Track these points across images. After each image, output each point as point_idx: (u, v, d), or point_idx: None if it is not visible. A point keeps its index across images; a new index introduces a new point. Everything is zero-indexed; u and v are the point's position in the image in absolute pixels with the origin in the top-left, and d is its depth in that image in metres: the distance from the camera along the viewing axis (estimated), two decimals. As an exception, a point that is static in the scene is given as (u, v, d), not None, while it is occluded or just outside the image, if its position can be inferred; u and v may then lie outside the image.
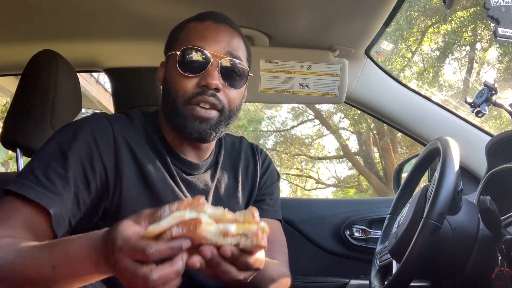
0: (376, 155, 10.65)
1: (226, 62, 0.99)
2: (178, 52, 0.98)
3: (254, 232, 0.66)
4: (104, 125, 0.98)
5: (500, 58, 9.04)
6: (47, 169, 0.88)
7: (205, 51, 0.97)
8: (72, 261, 0.71)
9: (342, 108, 9.84)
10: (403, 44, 8.92)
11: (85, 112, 8.67)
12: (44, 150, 0.93)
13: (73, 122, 1.00)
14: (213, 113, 0.99)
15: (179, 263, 0.63)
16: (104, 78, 7.20)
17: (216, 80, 0.97)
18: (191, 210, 0.65)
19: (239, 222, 0.67)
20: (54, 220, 0.85)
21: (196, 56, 0.97)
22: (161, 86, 1.07)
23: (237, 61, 1.00)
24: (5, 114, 1.32)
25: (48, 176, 0.87)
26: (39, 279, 0.72)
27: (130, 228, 0.65)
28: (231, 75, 1.00)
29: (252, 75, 1.06)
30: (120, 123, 1.01)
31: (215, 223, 0.66)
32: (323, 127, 11.15)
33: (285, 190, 12.06)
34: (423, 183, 1.44)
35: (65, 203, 0.87)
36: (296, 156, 11.99)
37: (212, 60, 0.97)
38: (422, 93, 1.74)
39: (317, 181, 12.01)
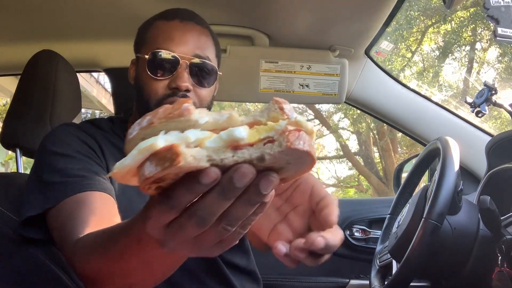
0: (376, 155, 10.65)
1: (194, 63, 1.00)
2: (147, 56, 1.00)
3: (282, 129, 0.39)
4: (77, 129, 1.02)
5: (500, 58, 9.04)
6: (65, 171, 0.90)
7: (174, 54, 0.99)
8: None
9: (342, 107, 9.85)
10: (403, 44, 8.92)
11: (85, 112, 8.68)
12: (44, 166, 0.94)
13: (47, 135, 1.03)
14: None
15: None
16: (104, 78, 7.21)
17: (186, 81, 0.99)
18: (169, 125, 0.40)
19: (261, 124, 0.41)
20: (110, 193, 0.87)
21: (165, 59, 0.99)
22: (133, 85, 1.10)
23: (205, 61, 1.02)
24: (5, 114, 1.31)
25: (71, 173, 0.89)
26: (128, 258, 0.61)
27: None
28: (200, 75, 1.02)
29: (221, 73, 1.08)
30: (87, 127, 1.05)
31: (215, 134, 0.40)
32: (323, 127, 11.15)
33: (285, 190, 12.03)
34: (423, 183, 1.44)
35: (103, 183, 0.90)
36: (296, 156, 11.96)
37: (181, 62, 0.99)
38: (422, 93, 1.74)
39: (317, 181, 11.99)
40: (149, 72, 1.00)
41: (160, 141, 0.38)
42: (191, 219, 0.40)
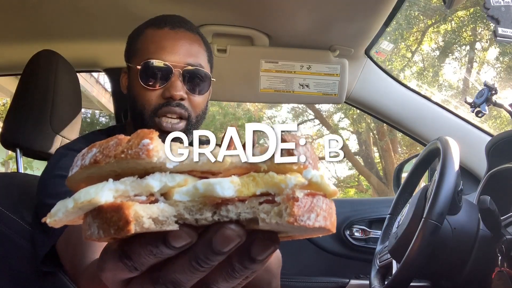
0: (376, 155, 10.65)
1: (187, 71, 1.00)
2: (139, 67, 0.99)
3: (286, 193, 0.28)
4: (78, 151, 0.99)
5: (500, 58, 9.04)
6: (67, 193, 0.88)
7: (166, 64, 0.98)
8: None
9: (342, 107, 9.85)
10: (403, 44, 8.92)
11: (85, 112, 8.66)
12: (47, 189, 0.93)
13: (51, 160, 1.01)
14: (180, 126, 1.00)
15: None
16: (104, 78, 7.20)
17: (180, 90, 0.98)
18: (121, 164, 0.29)
19: (259, 173, 0.29)
20: None
21: (157, 68, 0.98)
22: (126, 95, 1.09)
23: (198, 68, 1.01)
24: (5, 114, 1.31)
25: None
26: None
27: None
28: (194, 83, 1.01)
29: (214, 80, 1.07)
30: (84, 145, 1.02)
31: (192, 180, 0.30)
32: (323, 127, 11.16)
33: (285, 190, 12.03)
34: (423, 183, 1.44)
35: None
36: (296, 156, 11.95)
37: (174, 71, 0.98)
38: (422, 93, 1.74)
39: (317, 181, 11.97)
40: (141, 82, 0.99)
41: (105, 195, 0.27)
42: (155, 285, 0.31)
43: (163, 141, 0.30)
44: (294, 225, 0.27)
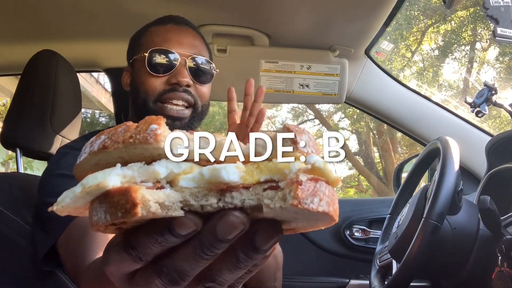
0: (376, 155, 10.65)
1: (193, 61, 1.02)
2: (146, 54, 1.00)
3: (290, 178, 0.29)
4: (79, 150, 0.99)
5: (500, 58, 9.04)
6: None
7: (172, 51, 1.01)
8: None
9: (342, 107, 9.85)
10: (403, 44, 8.92)
11: (84, 112, 8.66)
12: (47, 188, 0.94)
13: (53, 158, 1.02)
14: (186, 112, 1.02)
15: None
16: (104, 78, 7.20)
17: (187, 77, 1.01)
18: (130, 151, 0.29)
19: (264, 161, 0.30)
20: None
21: (164, 57, 1.01)
22: (129, 91, 1.09)
23: (203, 58, 1.04)
24: (5, 114, 1.31)
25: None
26: None
27: None
28: (199, 72, 1.04)
29: (217, 71, 1.10)
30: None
31: (197, 168, 0.30)
32: (323, 127, 11.16)
33: (285, 190, 12.04)
34: (423, 183, 1.44)
35: None
36: (296, 156, 11.96)
37: (180, 59, 1.01)
38: (422, 93, 1.74)
39: (317, 181, 11.96)
40: (148, 70, 1.00)
41: (112, 179, 0.28)
42: (160, 275, 0.31)
43: (169, 127, 0.31)
44: (298, 208, 0.28)
